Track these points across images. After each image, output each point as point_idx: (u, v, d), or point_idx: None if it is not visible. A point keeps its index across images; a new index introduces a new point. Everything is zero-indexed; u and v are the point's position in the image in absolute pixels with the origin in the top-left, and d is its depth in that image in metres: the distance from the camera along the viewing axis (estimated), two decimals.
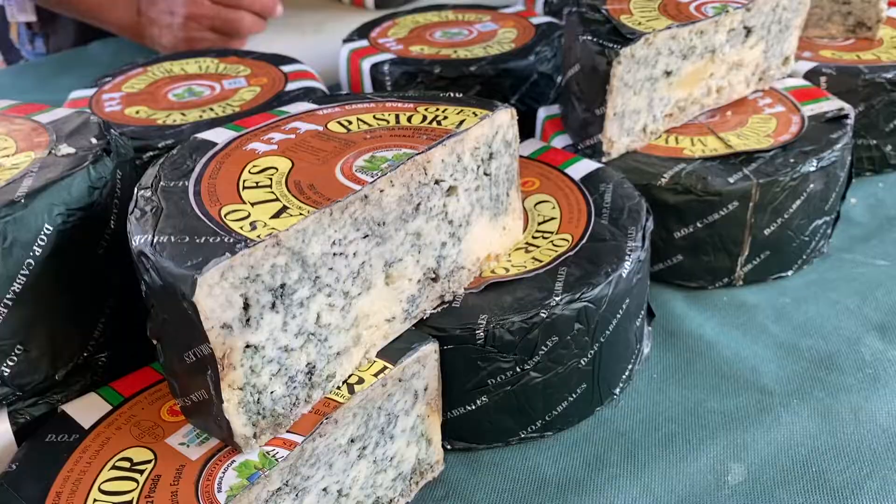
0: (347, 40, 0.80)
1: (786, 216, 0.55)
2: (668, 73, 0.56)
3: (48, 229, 0.36)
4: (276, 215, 0.33)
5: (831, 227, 0.60)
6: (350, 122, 0.42)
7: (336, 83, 0.82)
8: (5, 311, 0.35)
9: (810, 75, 0.67)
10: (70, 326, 0.39)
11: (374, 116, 0.43)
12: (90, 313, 0.39)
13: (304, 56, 0.93)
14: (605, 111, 0.54)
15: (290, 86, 0.69)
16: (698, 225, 0.54)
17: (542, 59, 0.73)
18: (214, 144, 0.40)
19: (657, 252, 0.56)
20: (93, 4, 0.94)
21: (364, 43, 0.78)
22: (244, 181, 0.36)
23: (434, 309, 0.42)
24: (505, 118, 0.44)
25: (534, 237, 0.48)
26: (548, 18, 0.82)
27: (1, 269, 0.35)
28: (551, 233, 0.48)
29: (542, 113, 0.65)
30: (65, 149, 0.40)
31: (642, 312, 0.49)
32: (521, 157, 0.56)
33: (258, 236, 0.31)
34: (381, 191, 0.36)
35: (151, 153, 0.60)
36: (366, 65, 0.74)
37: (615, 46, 0.52)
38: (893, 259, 0.58)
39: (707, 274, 0.57)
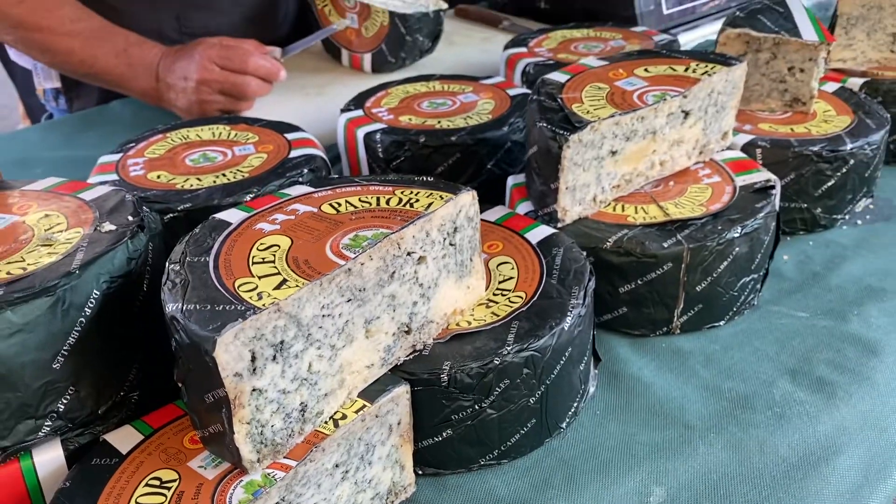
0: (345, 110, 0.90)
1: (714, 275, 0.64)
2: (613, 153, 0.66)
3: (96, 294, 0.46)
4: (278, 287, 0.42)
5: (760, 282, 0.69)
6: (339, 205, 0.52)
7: (336, 143, 0.91)
8: (62, 359, 0.44)
9: (747, 147, 0.76)
10: (110, 371, 0.48)
11: (359, 199, 0.52)
12: (126, 360, 0.49)
13: (308, 118, 1.04)
14: (559, 186, 0.64)
15: (294, 153, 0.79)
16: (639, 282, 0.64)
17: (515, 129, 0.83)
18: (229, 224, 0.49)
19: (605, 304, 0.65)
20: (115, 75, 1.05)
21: (359, 113, 0.88)
22: (253, 257, 0.45)
23: (407, 356, 0.51)
24: (467, 199, 0.53)
25: (494, 294, 0.57)
26: (522, 90, 0.92)
27: (59, 327, 0.44)
28: (509, 290, 0.58)
29: (511, 181, 0.75)
30: (107, 226, 0.50)
31: (586, 358, 0.58)
32: (489, 222, 0.66)
33: (263, 304, 0.41)
34: (362, 264, 0.46)
35: (172, 215, 0.69)
36: (360, 133, 0.84)
37: (565, 133, 0.62)
38: (812, 311, 0.67)
39: (648, 324, 0.66)
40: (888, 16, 0.90)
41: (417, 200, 0.52)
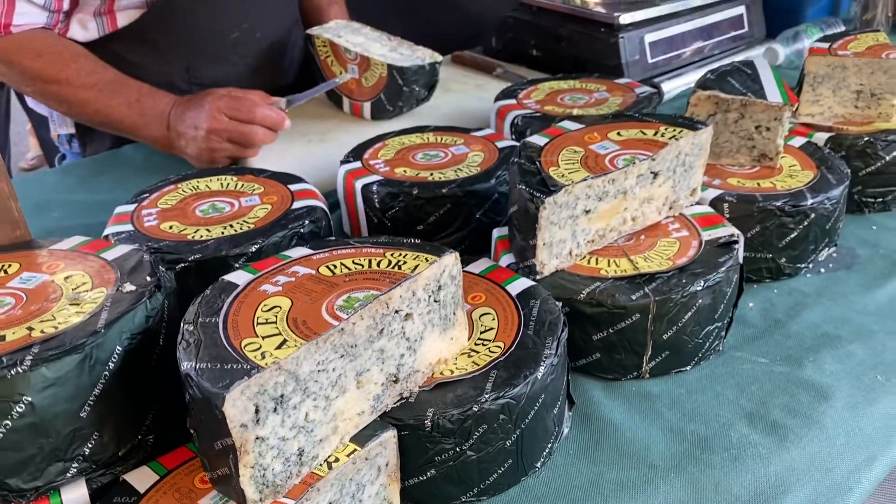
0: (345, 161, 0.96)
1: (679, 325, 0.70)
2: (587, 211, 0.72)
3: (119, 350, 0.52)
4: (279, 346, 0.48)
5: (724, 329, 0.75)
6: (335, 266, 0.58)
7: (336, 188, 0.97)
8: (88, 409, 0.50)
9: (715, 202, 0.82)
10: (130, 417, 0.54)
11: (353, 261, 0.58)
12: (143, 407, 0.55)
13: (311, 165, 1.11)
14: (537, 242, 0.70)
15: (296, 204, 0.85)
16: (610, 331, 0.69)
17: (502, 181, 0.89)
18: (237, 286, 0.55)
19: (580, 350, 0.71)
20: (128, 124, 1.11)
21: (358, 164, 0.94)
22: (257, 318, 0.51)
23: (394, 403, 0.57)
24: (450, 260, 0.59)
25: (476, 344, 0.63)
26: (510, 143, 0.98)
27: (87, 380, 0.50)
28: (489, 340, 0.63)
29: (496, 233, 0.81)
30: (128, 286, 0.56)
31: (559, 402, 0.64)
32: (473, 274, 0.72)
33: (266, 363, 0.47)
34: (354, 324, 0.52)
35: (183, 265, 0.75)
36: (358, 185, 0.90)
37: (541, 196, 0.68)
38: (772, 357, 0.73)
39: (619, 368, 0.71)
40: (851, 75, 0.97)
41: (405, 262, 0.58)
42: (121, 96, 1.11)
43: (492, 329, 0.64)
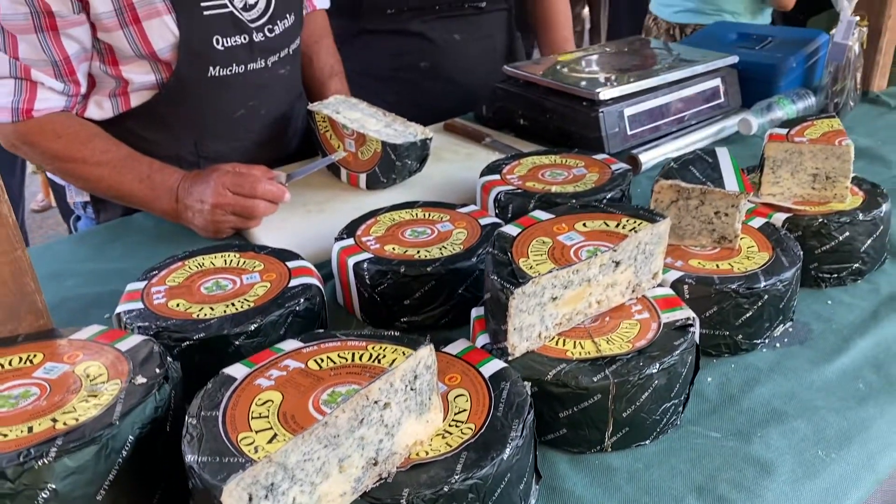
0: (339, 238, 1.04)
1: (638, 403, 0.77)
2: (554, 298, 0.79)
3: (131, 439, 0.59)
4: (270, 440, 0.56)
5: (682, 405, 0.81)
6: (322, 360, 0.65)
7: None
8: (104, 492, 0.58)
9: (676, 284, 0.90)
10: (140, 497, 0.61)
11: (338, 355, 0.66)
12: (151, 487, 0.62)
13: (309, 235, 1.19)
14: (508, 328, 0.77)
15: (293, 282, 0.93)
16: (574, 409, 0.76)
17: (483, 259, 0.97)
18: (235, 379, 0.63)
19: (548, 426, 0.78)
20: (140, 198, 1.20)
21: (350, 241, 1.02)
22: (252, 412, 0.59)
23: (374, 484, 0.64)
24: (425, 352, 0.67)
25: (450, 425, 0.70)
26: (492, 220, 1.06)
27: (103, 467, 0.57)
28: (462, 422, 0.70)
29: (474, 313, 0.88)
30: (140, 379, 0.63)
31: (526, 478, 0.71)
32: (451, 355, 0.79)
33: (259, 457, 0.54)
34: (337, 417, 0.59)
35: (188, 343, 0.83)
36: (350, 262, 0.98)
37: (511, 287, 0.75)
38: (724, 432, 0.80)
39: (584, 443, 0.78)
40: (807, 159, 1.05)
41: (384, 356, 0.65)
42: (133, 172, 1.20)
43: (465, 411, 0.72)
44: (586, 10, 5.17)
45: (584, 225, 0.86)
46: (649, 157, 1.39)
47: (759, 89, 1.56)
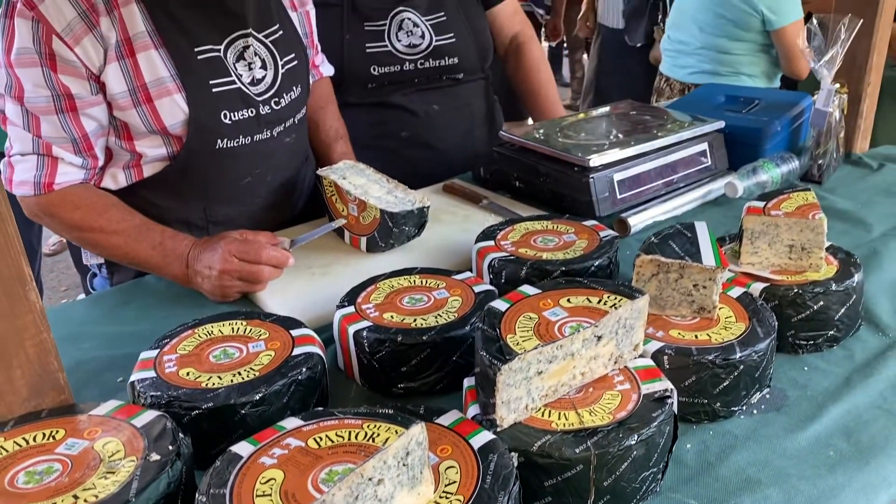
0: (340, 306, 1.10)
1: (618, 473, 0.82)
2: (539, 372, 0.85)
3: None
4: None
5: (661, 472, 0.86)
6: (321, 439, 0.71)
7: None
8: None
9: (656, 355, 0.95)
10: None
11: (336, 433, 0.71)
12: None
13: (312, 300, 1.24)
14: (496, 401, 0.82)
15: (296, 350, 0.99)
16: (559, 478, 0.81)
17: (476, 327, 1.02)
18: (241, 458, 0.68)
19: (534, 493, 0.83)
20: (153, 264, 1.27)
21: (351, 309, 1.08)
22: (256, 490, 0.64)
23: None
24: (416, 430, 0.72)
25: (440, 497, 0.75)
26: (486, 287, 1.12)
27: None
28: (452, 493, 0.76)
29: (466, 383, 0.93)
30: (154, 456, 0.69)
31: None
32: (443, 426, 0.84)
33: None
34: (333, 495, 0.64)
35: (198, 411, 0.89)
36: (351, 330, 1.04)
37: (498, 364, 0.81)
38: (700, 499, 0.85)
39: None
40: (783, 231, 1.11)
41: (378, 435, 0.71)
42: (146, 240, 1.27)
43: (454, 482, 0.77)
44: (586, 56, 5.29)
45: (569, 300, 0.92)
46: (639, 220, 1.45)
47: (745, 152, 1.62)
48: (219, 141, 1.32)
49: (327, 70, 1.65)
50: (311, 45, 1.55)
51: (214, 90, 1.28)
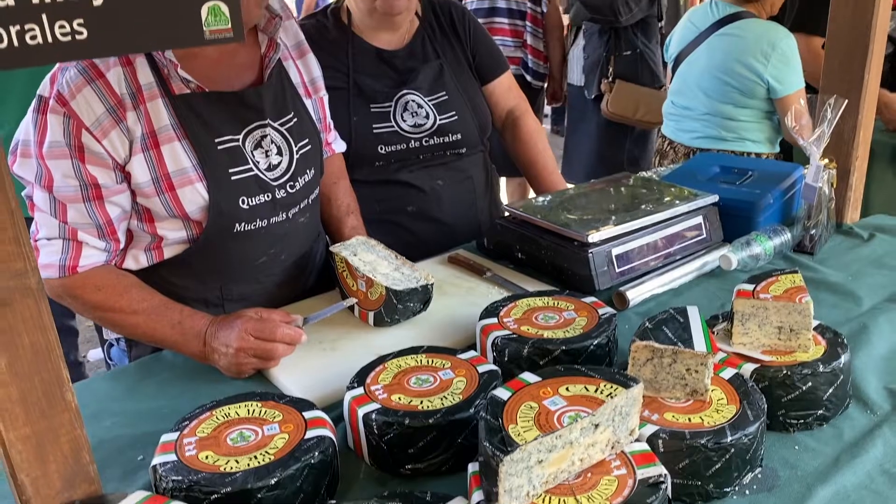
0: (350, 387, 1.15)
1: None
2: (540, 461, 0.90)
3: None
4: None
5: None
6: None
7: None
8: None
9: (651, 438, 1.00)
10: None
11: None
12: None
13: (324, 375, 1.30)
14: (499, 489, 0.87)
15: (309, 433, 1.04)
16: None
17: (480, 409, 1.07)
18: None
19: None
20: (171, 342, 1.33)
21: (360, 391, 1.13)
22: None
23: None
24: None
25: None
26: (489, 367, 1.18)
27: None
28: None
29: (470, 468, 0.98)
30: None
31: None
32: None
33: None
34: None
35: (217, 495, 0.94)
36: (360, 412, 1.09)
37: (500, 455, 0.86)
38: None
39: None
40: (772, 314, 1.16)
41: None
42: (165, 319, 1.33)
43: None
44: None
45: (567, 389, 0.98)
46: (637, 294, 1.51)
47: (739, 224, 1.69)
48: (237, 225, 1.39)
49: (339, 147, 1.73)
50: (325, 128, 1.63)
51: (233, 178, 1.36)
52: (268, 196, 1.41)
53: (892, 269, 1.58)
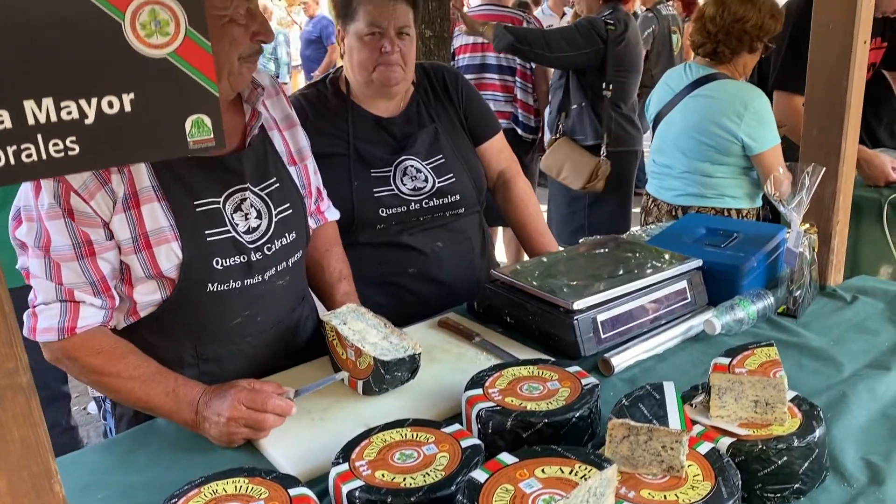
0: (335, 462, 1.18)
1: None
2: None
3: None
4: None
5: None
6: None
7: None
8: None
9: None
10: None
11: None
12: None
13: (312, 446, 1.32)
14: None
15: None
16: None
17: (461, 487, 1.10)
18: None
19: None
20: (164, 410, 1.37)
21: (346, 467, 1.16)
22: None
23: None
24: None
25: None
26: (473, 441, 1.20)
27: None
28: None
29: None
30: None
31: None
32: None
33: None
34: None
35: None
36: (344, 489, 1.12)
37: None
38: None
39: None
40: (748, 388, 1.19)
41: None
42: (160, 386, 1.37)
43: None
44: None
45: (543, 471, 1.00)
46: (622, 360, 1.53)
47: (724, 287, 1.72)
48: (209, 285, 1.44)
49: (332, 215, 1.79)
50: (309, 194, 1.68)
51: (209, 238, 1.42)
52: (243, 258, 1.46)
53: (874, 334, 1.60)
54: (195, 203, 1.42)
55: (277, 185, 1.54)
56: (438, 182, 1.91)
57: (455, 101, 2.03)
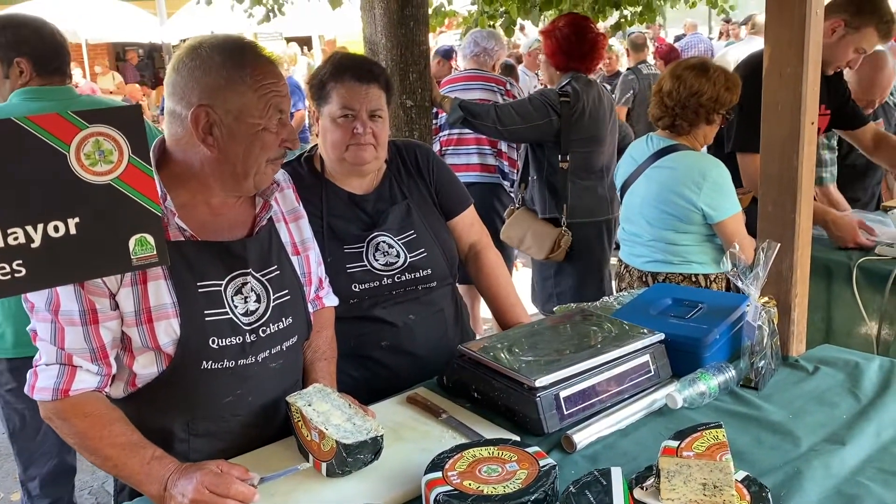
0: None
1: None
2: None
3: None
4: None
5: None
6: None
7: None
8: None
9: None
10: None
11: None
12: None
13: None
14: None
15: None
16: None
17: None
18: None
19: None
20: (136, 480, 1.42)
21: None
22: None
23: None
24: None
25: None
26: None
27: None
28: None
29: None
30: None
31: None
32: None
33: None
34: None
35: None
36: None
37: None
38: None
39: None
40: (695, 471, 1.21)
41: None
42: (138, 456, 1.43)
43: None
44: None
45: None
46: (584, 437, 1.55)
47: (687, 359, 1.75)
48: (204, 362, 1.50)
49: (330, 301, 1.86)
50: (309, 282, 1.75)
51: (207, 318, 1.49)
52: (239, 339, 1.53)
53: (833, 406, 1.63)
54: (198, 284, 1.50)
55: (279, 272, 1.62)
56: (410, 257, 1.96)
57: (426, 178, 2.09)
